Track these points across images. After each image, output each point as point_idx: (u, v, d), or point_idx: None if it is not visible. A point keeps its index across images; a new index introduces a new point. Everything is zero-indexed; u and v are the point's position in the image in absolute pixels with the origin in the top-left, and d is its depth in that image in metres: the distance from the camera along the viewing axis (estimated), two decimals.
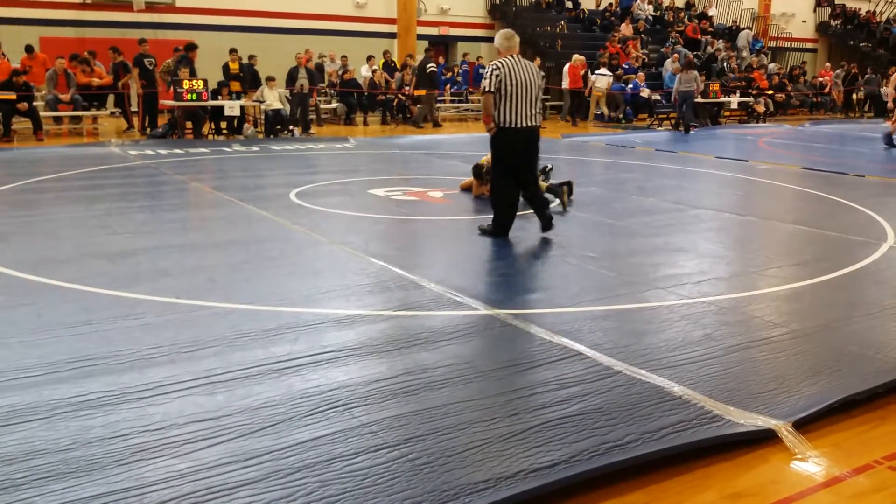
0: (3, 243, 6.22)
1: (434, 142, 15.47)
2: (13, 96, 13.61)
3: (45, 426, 3.11)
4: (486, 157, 8.64)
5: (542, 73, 6.52)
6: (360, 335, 4.25)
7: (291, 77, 16.33)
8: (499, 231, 6.78)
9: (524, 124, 6.53)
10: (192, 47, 15.49)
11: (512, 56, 6.57)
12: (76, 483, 2.70)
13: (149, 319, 4.41)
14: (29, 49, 15.79)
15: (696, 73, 18.27)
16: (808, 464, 3.07)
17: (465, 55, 22.64)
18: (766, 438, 3.20)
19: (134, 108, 16.22)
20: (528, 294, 5.10)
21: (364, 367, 3.81)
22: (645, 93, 20.67)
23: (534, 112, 6.61)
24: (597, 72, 20.48)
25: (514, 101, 6.46)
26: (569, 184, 8.45)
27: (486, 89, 6.50)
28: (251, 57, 16.59)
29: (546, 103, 20.78)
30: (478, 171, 8.64)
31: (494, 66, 6.51)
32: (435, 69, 18.47)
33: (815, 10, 32.20)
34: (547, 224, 6.87)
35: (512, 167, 6.69)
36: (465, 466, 2.86)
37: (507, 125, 6.52)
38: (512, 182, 6.72)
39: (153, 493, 2.65)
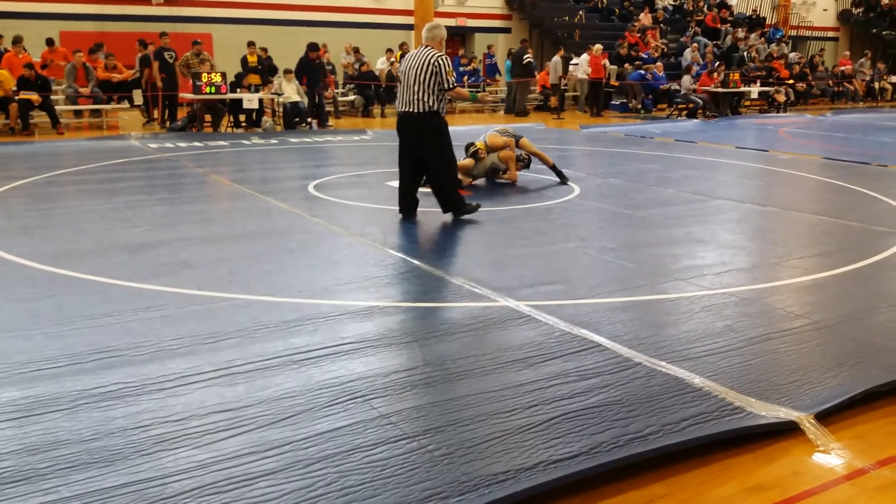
0: (25, 236, 6.28)
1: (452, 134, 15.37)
2: (34, 96, 13.61)
3: (67, 417, 3.14)
4: (479, 141, 8.98)
5: (435, 64, 6.75)
6: (379, 326, 4.26)
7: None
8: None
9: (402, 109, 7.02)
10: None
11: (420, 47, 6.99)
12: (99, 473, 2.73)
13: (169, 311, 4.44)
14: (49, 42, 15.88)
15: (688, 76, 19.81)
16: (831, 456, 3.04)
17: (489, 47, 22.64)
18: (787, 430, 3.18)
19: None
20: (547, 285, 5.08)
21: (383, 358, 3.82)
22: (665, 85, 20.51)
23: (411, 99, 6.86)
24: (573, 61, 20.23)
25: (400, 87, 7.01)
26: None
27: None
28: (323, 47, 16.24)
29: (566, 94, 20.67)
30: (468, 150, 9.03)
31: None
32: (531, 59, 18.69)
33: None
34: (445, 208, 7.15)
35: (401, 150, 7.16)
36: (484, 458, 2.86)
37: (397, 109, 7.18)
38: (405, 164, 7.14)
39: (175, 482, 2.67)
